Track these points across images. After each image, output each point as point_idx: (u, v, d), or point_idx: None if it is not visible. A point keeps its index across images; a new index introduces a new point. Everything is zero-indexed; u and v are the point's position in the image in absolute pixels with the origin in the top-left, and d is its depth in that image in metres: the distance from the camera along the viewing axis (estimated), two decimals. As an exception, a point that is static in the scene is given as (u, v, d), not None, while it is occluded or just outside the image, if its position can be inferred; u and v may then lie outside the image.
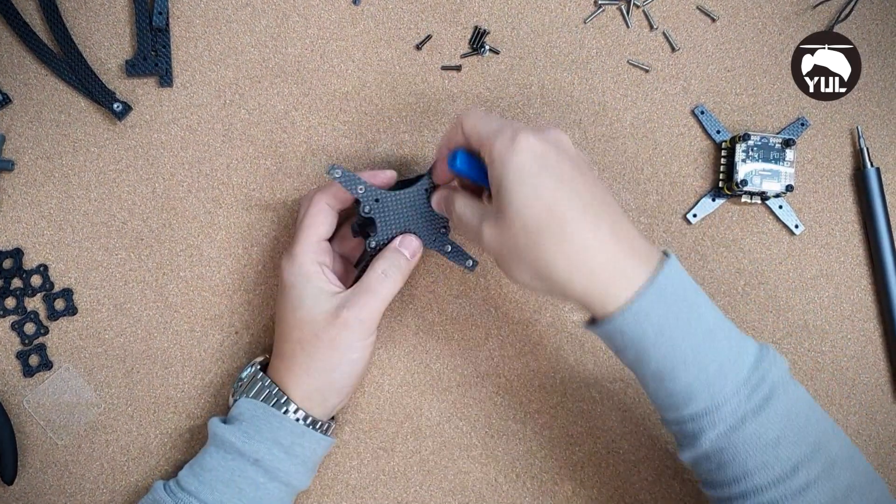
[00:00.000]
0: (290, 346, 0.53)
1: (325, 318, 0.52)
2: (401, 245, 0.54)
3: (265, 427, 0.52)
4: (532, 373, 0.62)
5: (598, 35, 0.63)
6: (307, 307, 0.53)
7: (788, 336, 0.63)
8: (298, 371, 0.53)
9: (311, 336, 0.52)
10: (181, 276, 0.61)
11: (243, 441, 0.52)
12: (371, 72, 0.62)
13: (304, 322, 0.53)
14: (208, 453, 0.53)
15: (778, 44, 0.64)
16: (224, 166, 0.62)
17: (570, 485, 0.62)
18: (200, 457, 0.54)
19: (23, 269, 0.60)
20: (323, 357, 0.53)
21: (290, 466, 0.53)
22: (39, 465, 0.60)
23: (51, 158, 0.61)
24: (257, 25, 0.62)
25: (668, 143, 0.63)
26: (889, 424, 0.64)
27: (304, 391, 0.53)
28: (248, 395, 0.54)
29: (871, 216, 0.63)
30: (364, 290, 0.53)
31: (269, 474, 0.52)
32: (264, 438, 0.52)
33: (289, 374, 0.53)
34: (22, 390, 0.60)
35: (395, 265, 0.54)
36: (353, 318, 0.52)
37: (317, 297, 0.53)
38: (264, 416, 0.52)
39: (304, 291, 0.53)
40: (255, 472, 0.52)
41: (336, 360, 0.53)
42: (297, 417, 0.53)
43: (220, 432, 0.53)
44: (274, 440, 0.52)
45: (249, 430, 0.52)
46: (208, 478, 0.52)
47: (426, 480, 0.62)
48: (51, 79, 0.61)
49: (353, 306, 0.52)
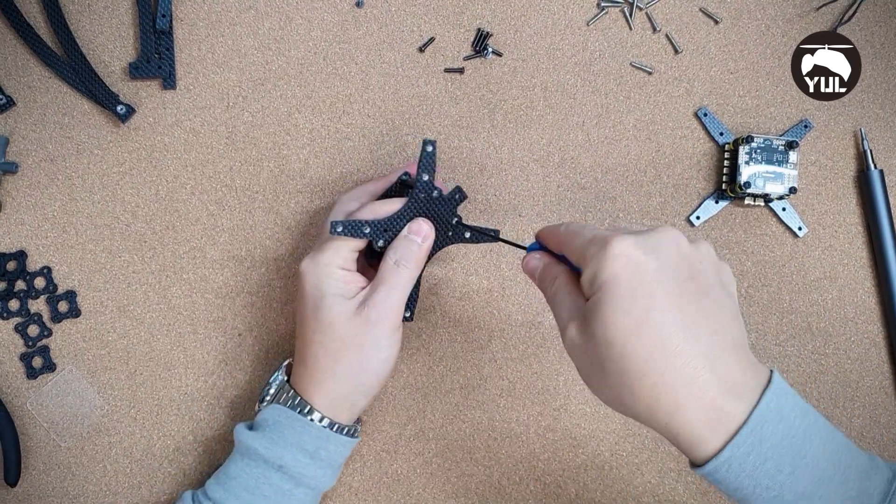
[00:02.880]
0: (312, 351, 0.52)
1: (347, 319, 0.50)
2: (410, 232, 0.52)
3: (289, 433, 0.51)
4: (535, 375, 0.62)
5: (601, 37, 0.63)
6: (328, 308, 0.51)
7: (792, 338, 0.63)
8: (322, 378, 0.52)
9: (335, 339, 0.51)
10: (184, 279, 0.61)
11: (267, 447, 0.51)
12: (374, 74, 0.63)
13: (326, 325, 0.51)
14: (233, 461, 0.53)
15: (781, 46, 0.64)
16: (227, 169, 0.62)
17: (573, 487, 0.62)
18: (226, 465, 0.53)
19: (26, 272, 0.60)
20: (349, 360, 0.51)
21: (316, 470, 0.52)
22: (43, 466, 0.60)
23: (54, 161, 0.61)
24: (261, 28, 0.62)
25: (671, 145, 0.63)
26: (892, 427, 0.63)
27: (330, 399, 0.52)
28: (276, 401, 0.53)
29: (874, 218, 0.63)
30: (380, 283, 0.51)
31: (294, 480, 0.51)
32: (288, 444, 0.51)
33: (312, 381, 0.52)
34: (25, 392, 0.60)
35: (408, 253, 0.52)
36: (375, 314, 0.50)
37: (338, 297, 0.51)
38: (288, 421, 0.51)
39: (325, 292, 0.51)
40: (279, 478, 0.51)
41: (363, 362, 0.51)
42: (323, 424, 0.52)
43: (243, 439, 0.52)
44: (298, 446, 0.51)
45: (273, 436, 0.51)
46: (233, 486, 0.52)
47: (429, 483, 0.62)
48: (54, 81, 0.61)
49: (373, 303, 0.50)
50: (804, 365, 0.63)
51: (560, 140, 0.63)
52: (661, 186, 0.63)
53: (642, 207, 0.63)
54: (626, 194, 0.63)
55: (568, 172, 0.63)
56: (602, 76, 0.63)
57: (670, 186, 0.63)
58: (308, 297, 0.52)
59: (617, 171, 0.63)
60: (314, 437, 0.51)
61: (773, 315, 0.63)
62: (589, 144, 0.63)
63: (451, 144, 0.63)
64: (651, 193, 0.63)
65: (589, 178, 0.63)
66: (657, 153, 0.63)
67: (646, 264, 0.40)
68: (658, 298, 0.39)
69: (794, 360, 0.63)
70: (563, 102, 0.63)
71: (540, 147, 0.63)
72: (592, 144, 0.63)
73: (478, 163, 0.63)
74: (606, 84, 0.63)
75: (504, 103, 0.63)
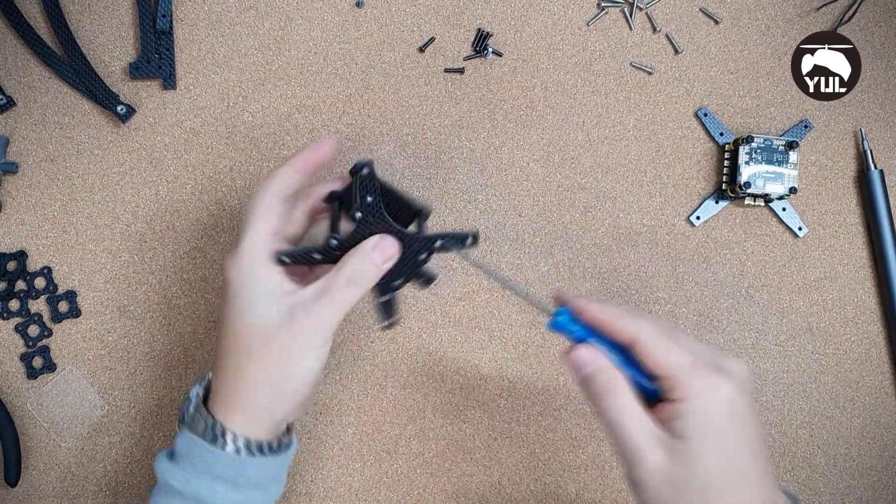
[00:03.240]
0: (234, 361, 0.47)
1: (277, 324, 0.46)
2: (374, 249, 0.48)
3: (200, 464, 0.47)
4: (535, 375, 0.62)
5: (601, 37, 0.63)
6: (257, 311, 0.46)
7: (792, 339, 0.63)
8: (243, 389, 0.47)
9: (260, 344, 0.46)
10: (184, 279, 0.61)
11: (181, 482, 0.47)
12: (374, 74, 0.63)
13: (253, 328, 0.46)
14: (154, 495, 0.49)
15: (781, 46, 0.64)
16: (227, 169, 0.62)
17: (573, 487, 0.62)
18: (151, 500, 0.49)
19: (27, 272, 0.60)
20: (273, 367, 0.46)
21: (240, 495, 0.48)
22: (43, 466, 0.60)
23: (55, 161, 0.61)
24: (261, 28, 0.62)
25: (671, 145, 0.63)
26: (893, 427, 0.63)
27: (249, 414, 0.47)
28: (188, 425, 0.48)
29: (874, 218, 0.63)
30: (324, 295, 0.47)
31: None
32: (202, 475, 0.47)
33: (231, 394, 0.47)
34: (26, 392, 0.60)
35: (364, 273, 0.47)
36: (310, 326, 0.46)
37: (268, 298, 0.46)
38: (199, 451, 0.47)
39: (253, 292, 0.47)
40: None
41: (289, 370, 0.47)
42: (238, 447, 0.47)
43: (160, 473, 0.48)
44: (213, 476, 0.47)
45: (187, 467, 0.47)
46: None
47: (429, 483, 0.62)
48: (55, 81, 0.61)
49: (311, 313, 0.46)
50: (804, 365, 0.63)
51: (560, 140, 0.63)
52: (661, 186, 0.63)
53: (642, 207, 0.63)
54: (626, 194, 0.63)
55: (568, 172, 0.63)
56: (602, 76, 0.63)
57: (670, 186, 0.63)
58: (233, 299, 0.47)
59: (617, 171, 0.63)
60: (227, 465, 0.47)
61: (773, 315, 0.63)
62: (589, 144, 0.63)
63: (451, 144, 0.63)
64: (651, 193, 0.63)
65: (589, 178, 0.63)
66: (657, 153, 0.63)
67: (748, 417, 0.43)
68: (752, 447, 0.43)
69: (794, 360, 0.63)
70: (563, 102, 0.63)
71: (540, 147, 0.63)
72: (592, 144, 0.63)
73: (478, 163, 0.63)
74: (606, 84, 0.63)
75: (504, 103, 0.63)
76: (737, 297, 0.63)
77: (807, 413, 0.63)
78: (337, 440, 0.62)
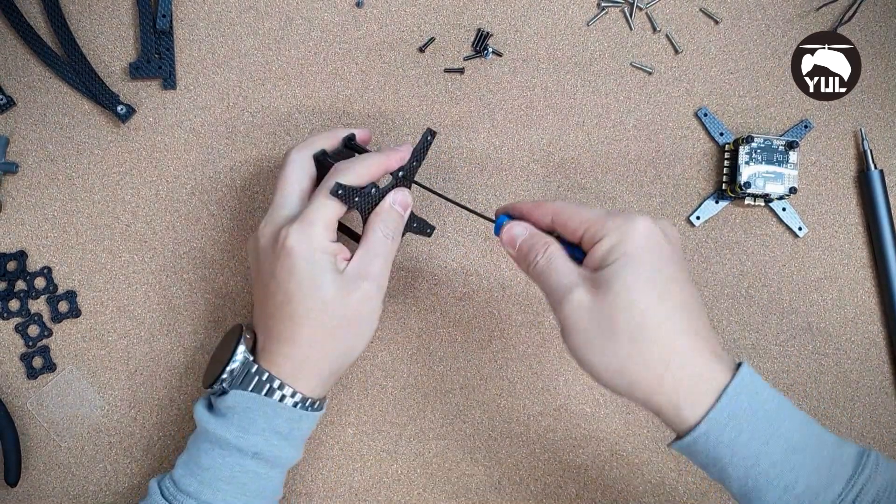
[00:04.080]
0: (307, 333, 0.49)
1: (345, 295, 0.49)
2: (395, 203, 0.53)
3: (261, 419, 0.50)
4: (535, 375, 0.62)
5: (601, 37, 0.63)
6: (325, 285, 0.49)
7: (792, 339, 0.63)
8: (316, 358, 0.50)
9: (333, 316, 0.49)
10: (184, 279, 0.61)
11: (238, 436, 0.50)
12: (374, 74, 0.63)
13: (327, 303, 0.49)
14: (203, 451, 0.51)
15: (781, 46, 0.64)
16: (227, 169, 0.62)
17: (573, 487, 0.62)
18: (195, 454, 0.51)
19: (27, 272, 0.60)
20: (348, 336, 0.51)
21: (289, 450, 0.52)
22: (43, 466, 0.60)
23: (55, 161, 0.61)
24: (261, 28, 0.62)
25: (671, 145, 0.63)
26: (893, 427, 0.63)
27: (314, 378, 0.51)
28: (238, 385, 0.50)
29: (874, 218, 0.63)
30: (374, 255, 0.51)
31: (269, 464, 0.51)
32: (261, 430, 0.50)
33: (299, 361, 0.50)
34: (26, 392, 0.60)
35: (395, 225, 0.52)
36: (375, 287, 0.50)
37: (334, 273, 0.49)
38: (259, 407, 0.50)
39: (322, 268, 0.49)
40: (255, 464, 0.51)
41: (360, 336, 0.51)
42: (296, 402, 0.50)
43: (211, 428, 0.50)
44: (272, 429, 0.50)
45: (244, 423, 0.50)
46: (207, 477, 0.50)
47: (430, 483, 0.62)
48: (55, 81, 0.61)
49: (371, 276, 0.50)
50: (804, 365, 0.63)
51: (560, 140, 0.63)
52: (661, 186, 0.63)
53: (642, 207, 0.63)
54: (626, 194, 0.63)
55: (568, 172, 0.63)
56: (602, 76, 0.63)
57: (670, 186, 0.63)
58: (298, 274, 0.49)
59: (617, 171, 0.63)
60: (286, 418, 0.50)
61: (774, 315, 0.63)
62: (589, 144, 0.63)
63: (451, 144, 0.63)
64: (651, 193, 0.63)
65: (589, 178, 0.63)
66: (657, 153, 0.63)
67: (664, 245, 0.45)
68: (674, 276, 0.44)
69: (794, 360, 0.63)
70: (563, 102, 0.63)
71: (540, 147, 0.63)
72: (592, 144, 0.63)
73: (478, 163, 0.63)
74: (606, 84, 0.63)
75: (504, 103, 0.63)
76: (737, 298, 0.63)
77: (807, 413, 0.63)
78: (337, 440, 0.62)
